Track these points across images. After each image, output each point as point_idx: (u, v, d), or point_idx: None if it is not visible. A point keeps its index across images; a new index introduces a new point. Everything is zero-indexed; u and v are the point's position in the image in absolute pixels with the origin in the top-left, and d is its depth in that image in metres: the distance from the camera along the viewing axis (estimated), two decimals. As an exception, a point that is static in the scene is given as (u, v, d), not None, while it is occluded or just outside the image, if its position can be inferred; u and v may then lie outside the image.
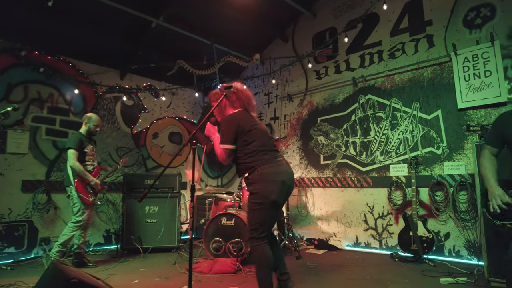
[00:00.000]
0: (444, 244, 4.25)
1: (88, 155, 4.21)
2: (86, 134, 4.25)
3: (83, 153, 4.15)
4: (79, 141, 4.11)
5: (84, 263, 4.17)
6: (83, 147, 4.15)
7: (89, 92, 5.54)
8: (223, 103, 2.66)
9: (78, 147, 4.07)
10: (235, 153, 2.54)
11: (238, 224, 4.21)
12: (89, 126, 4.24)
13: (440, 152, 4.43)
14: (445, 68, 4.49)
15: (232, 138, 2.49)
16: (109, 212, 5.57)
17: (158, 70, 5.82)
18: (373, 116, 5.14)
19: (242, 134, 2.51)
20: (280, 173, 2.49)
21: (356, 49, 5.44)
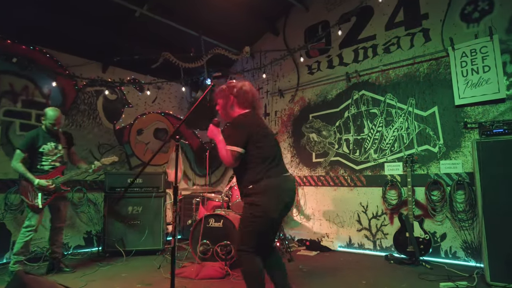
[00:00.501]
0: (440, 245, 4.11)
1: (46, 154, 3.75)
2: (47, 131, 3.81)
3: (38, 153, 3.71)
4: (30, 141, 3.68)
5: (60, 268, 3.87)
6: (37, 146, 3.70)
7: (69, 85, 5.21)
8: (231, 101, 2.43)
9: (26, 147, 3.65)
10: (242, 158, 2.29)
11: (226, 225, 3.98)
12: (45, 124, 3.78)
13: (437, 150, 4.29)
14: (441, 63, 4.33)
15: (244, 141, 2.25)
16: (90, 213, 5.26)
17: (142, 63, 5.52)
18: (367, 113, 4.97)
19: (255, 138, 2.28)
20: (286, 191, 2.32)
21: (350, 43, 5.26)
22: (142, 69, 5.98)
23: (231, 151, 2.21)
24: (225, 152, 2.23)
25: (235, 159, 2.23)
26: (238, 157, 2.23)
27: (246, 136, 2.24)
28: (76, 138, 5.20)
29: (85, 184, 5.21)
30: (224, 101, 2.44)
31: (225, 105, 2.45)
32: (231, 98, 2.41)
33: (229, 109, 2.45)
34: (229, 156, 2.21)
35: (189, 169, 6.81)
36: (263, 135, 2.33)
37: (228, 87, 2.45)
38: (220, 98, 2.48)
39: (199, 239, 4.02)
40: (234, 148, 2.21)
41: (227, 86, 2.46)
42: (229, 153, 2.21)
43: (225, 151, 2.24)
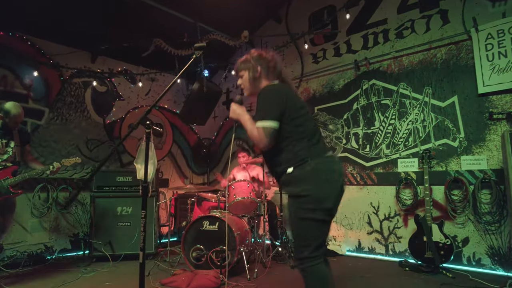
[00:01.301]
0: (462, 251, 3.67)
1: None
2: (1, 127, 3.35)
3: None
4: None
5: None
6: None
7: (53, 76, 4.81)
8: (258, 73, 1.99)
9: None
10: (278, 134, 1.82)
11: (222, 229, 3.56)
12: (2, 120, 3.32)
13: (457, 145, 3.84)
14: (462, 48, 3.88)
15: (278, 114, 1.79)
16: (77, 214, 4.87)
17: (134, 53, 5.11)
18: (378, 104, 4.53)
19: (292, 110, 1.84)
20: (336, 172, 1.85)
21: (358, 29, 4.82)
22: (134, 59, 5.57)
23: (264, 128, 1.75)
24: (256, 132, 1.78)
25: (270, 137, 1.77)
26: (273, 134, 1.77)
27: (280, 106, 1.80)
28: (61, 133, 4.85)
29: (71, 183, 4.82)
30: (249, 73, 2.01)
31: (251, 78, 2.01)
32: (258, 69, 1.99)
33: (255, 82, 2.01)
34: (262, 135, 1.75)
35: (186, 166, 6.41)
36: (300, 106, 1.89)
37: (253, 57, 2.03)
38: (244, 70, 2.05)
39: (192, 243, 3.62)
40: (267, 124, 1.75)
41: (251, 55, 2.05)
42: (261, 132, 1.75)
43: (255, 129, 1.78)
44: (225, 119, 6.56)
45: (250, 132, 1.81)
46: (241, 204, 3.90)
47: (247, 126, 1.84)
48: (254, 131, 1.79)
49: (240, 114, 1.92)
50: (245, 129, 1.85)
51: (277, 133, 1.79)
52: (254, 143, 1.82)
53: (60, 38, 4.82)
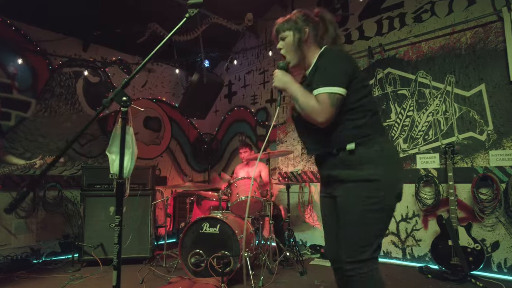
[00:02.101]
0: (491, 256, 3.29)
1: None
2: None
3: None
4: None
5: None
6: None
7: (41, 65, 4.44)
8: (306, 36, 1.62)
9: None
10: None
11: (224, 232, 3.20)
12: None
13: (484, 138, 3.46)
14: (491, 30, 3.49)
15: (346, 80, 1.45)
16: (67, 213, 4.51)
17: (129, 41, 4.72)
18: (394, 94, 4.14)
19: (359, 78, 1.51)
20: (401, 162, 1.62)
21: (372, 14, 4.43)
22: (129, 48, 5.20)
23: (329, 95, 1.40)
24: (313, 102, 1.43)
25: (337, 107, 1.42)
26: (339, 102, 1.43)
27: (349, 74, 1.46)
28: (50, 126, 4.48)
29: (60, 180, 4.45)
30: (294, 35, 1.62)
31: (296, 41, 1.61)
32: (306, 30, 1.62)
33: (303, 47, 1.62)
34: (326, 103, 1.40)
35: (185, 163, 6.04)
36: (363, 77, 1.57)
37: (298, 16, 1.65)
38: (287, 31, 1.64)
39: (190, 248, 3.26)
40: (336, 89, 1.41)
41: (297, 14, 1.66)
42: (325, 99, 1.40)
43: (312, 99, 1.43)
44: (227, 113, 6.19)
45: (305, 103, 1.45)
46: (244, 204, 3.53)
47: (298, 96, 1.48)
48: (312, 100, 1.43)
49: (288, 81, 1.55)
50: (296, 99, 1.49)
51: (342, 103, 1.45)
52: (310, 116, 1.45)
53: (48, 23, 4.45)
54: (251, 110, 5.78)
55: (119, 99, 1.20)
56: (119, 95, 1.21)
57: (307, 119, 1.48)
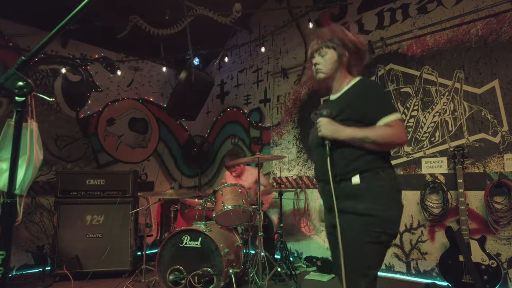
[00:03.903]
0: (507, 273, 2.92)
1: None
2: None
3: None
4: None
5: None
6: None
7: (14, 61, 4.08)
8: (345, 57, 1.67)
9: None
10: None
11: (206, 246, 2.85)
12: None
13: (498, 140, 3.10)
14: (505, 20, 3.14)
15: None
16: (43, 222, 4.17)
17: (113, 37, 4.38)
18: (397, 93, 3.79)
19: None
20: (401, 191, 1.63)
21: (372, 5, 4.09)
22: (113, 45, 4.87)
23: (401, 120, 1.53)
24: (389, 129, 1.49)
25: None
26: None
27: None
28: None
29: (35, 186, 4.11)
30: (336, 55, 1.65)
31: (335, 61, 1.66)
32: (346, 54, 1.66)
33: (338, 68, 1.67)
34: (401, 126, 1.51)
35: (174, 168, 5.69)
36: None
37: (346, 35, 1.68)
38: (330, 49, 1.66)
39: (169, 263, 2.91)
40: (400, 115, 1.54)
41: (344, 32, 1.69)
42: (399, 122, 1.51)
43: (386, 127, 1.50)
44: (219, 114, 5.85)
45: (381, 135, 1.49)
46: (231, 214, 3.18)
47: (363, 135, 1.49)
48: (386, 129, 1.49)
49: (337, 129, 1.53)
50: (364, 139, 1.49)
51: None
52: (393, 143, 1.53)
53: (22, 17, 4.12)
54: (244, 110, 5.44)
55: (12, 84, 0.86)
56: (11, 79, 0.86)
57: (387, 149, 1.57)
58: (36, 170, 1.30)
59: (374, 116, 1.51)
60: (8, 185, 0.79)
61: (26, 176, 1.21)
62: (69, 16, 1.02)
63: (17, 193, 1.04)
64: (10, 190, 0.78)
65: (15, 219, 0.86)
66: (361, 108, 1.54)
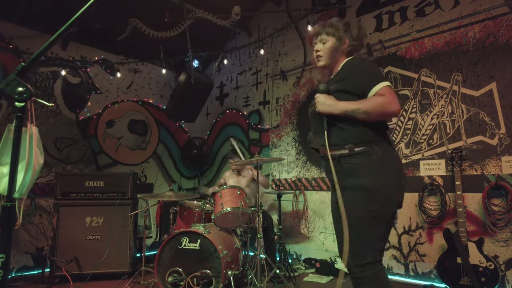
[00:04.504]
0: (505, 275, 2.93)
1: None
2: None
3: None
4: None
5: None
6: None
7: (13, 63, 4.12)
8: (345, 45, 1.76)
9: None
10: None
11: (205, 248, 2.86)
12: None
13: (496, 142, 3.11)
14: (502, 23, 3.16)
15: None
16: (42, 224, 4.18)
17: (113, 40, 4.41)
18: (395, 95, 3.80)
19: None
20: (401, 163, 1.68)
21: (370, 8, 4.11)
22: (113, 47, 4.89)
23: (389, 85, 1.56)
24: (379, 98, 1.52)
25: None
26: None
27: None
28: (23, 130, 4.16)
29: (34, 188, 4.12)
30: (336, 42, 1.74)
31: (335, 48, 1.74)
32: (346, 41, 1.75)
33: (338, 55, 1.75)
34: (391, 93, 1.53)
35: (173, 169, 5.70)
36: None
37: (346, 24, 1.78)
38: (330, 36, 1.75)
39: (168, 265, 2.91)
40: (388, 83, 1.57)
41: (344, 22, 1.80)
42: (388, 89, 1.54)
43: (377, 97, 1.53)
44: (219, 116, 5.86)
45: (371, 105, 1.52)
46: (230, 216, 3.19)
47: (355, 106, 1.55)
48: (376, 98, 1.52)
49: (332, 104, 1.61)
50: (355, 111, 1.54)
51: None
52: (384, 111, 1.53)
53: (21, 18, 4.14)
54: (243, 112, 5.46)
55: (12, 90, 0.87)
56: (11, 84, 0.87)
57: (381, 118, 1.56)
58: (36, 174, 1.31)
59: (365, 87, 1.58)
60: (8, 189, 0.80)
61: (26, 180, 1.22)
62: (68, 23, 1.04)
63: (16, 197, 1.05)
64: (10, 194, 0.80)
65: (15, 223, 0.87)
66: (352, 81, 1.62)
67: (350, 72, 1.66)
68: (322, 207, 4.30)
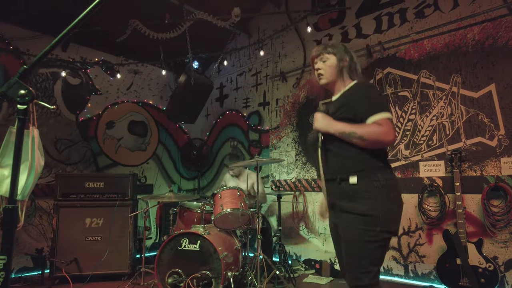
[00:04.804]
0: (504, 276, 2.94)
1: None
2: None
3: None
4: None
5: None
6: None
7: (13, 64, 4.13)
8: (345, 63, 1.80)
9: None
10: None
11: (205, 249, 2.87)
12: None
13: (495, 144, 3.12)
14: (501, 25, 3.17)
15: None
16: (42, 225, 4.18)
17: (113, 41, 4.42)
18: (394, 96, 3.82)
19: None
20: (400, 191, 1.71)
21: (370, 10, 4.12)
22: (113, 48, 4.89)
23: (389, 118, 1.58)
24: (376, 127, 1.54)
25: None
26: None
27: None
28: (23, 131, 4.17)
29: (34, 189, 4.08)
30: (337, 61, 1.79)
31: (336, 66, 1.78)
32: (347, 59, 1.80)
33: (339, 73, 1.79)
34: (389, 125, 1.55)
35: (173, 171, 5.71)
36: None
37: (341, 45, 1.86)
38: (331, 54, 1.80)
39: (168, 266, 2.92)
40: (390, 115, 1.59)
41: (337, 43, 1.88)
42: (389, 123, 1.56)
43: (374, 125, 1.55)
44: (219, 117, 5.87)
45: (368, 131, 1.55)
46: (230, 218, 3.19)
47: (351, 130, 1.58)
48: (373, 126, 1.55)
49: (330, 123, 1.66)
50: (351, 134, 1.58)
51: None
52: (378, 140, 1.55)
53: (21, 20, 4.14)
54: (243, 114, 5.46)
55: (14, 93, 0.88)
56: (14, 87, 0.88)
57: (374, 146, 1.57)
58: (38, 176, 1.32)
59: (364, 114, 1.60)
60: (9, 191, 0.81)
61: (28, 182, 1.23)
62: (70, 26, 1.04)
63: (19, 199, 1.05)
64: (12, 196, 0.81)
65: (17, 225, 0.88)
66: (353, 107, 1.64)
67: (351, 97, 1.69)
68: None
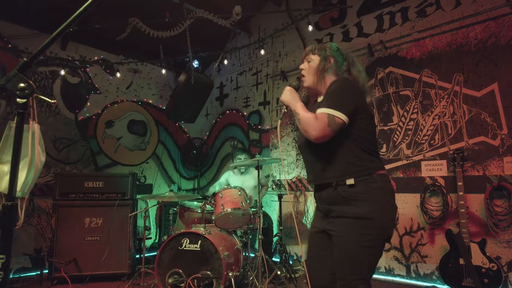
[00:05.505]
0: (508, 276, 2.92)
1: None
2: None
3: None
4: None
5: None
6: None
7: (12, 62, 4.09)
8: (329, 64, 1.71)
9: None
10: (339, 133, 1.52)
11: (205, 249, 2.84)
12: None
13: (498, 143, 3.10)
14: (504, 24, 3.16)
15: (351, 110, 1.52)
16: (41, 225, 4.14)
17: (112, 40, 4.38)
18: (396, 96, 3.80)
19: (365, 112, 1.59)
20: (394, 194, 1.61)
21: (371, 9, 4.10)
22: (113, 47, 4.86)
23: (329, 116, 1.47)
24: (313, 119, 1.49)
25: (334, 130, 1.49)
26: (337, 127, 1.49)
27: (354, 103, 1.55)
28: (22, 130, 4.13)
29: (33, 188, 4.07)
30: (320, 62, 1.71)
31: (319, 67, 1.70)
32: (331, 60, 1.72)
33: (322, 75, 1.71)
34: (324, 122, 1.47)
35: (173, 170, 5.67)
36: (371, 113, 1.67)
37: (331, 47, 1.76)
38: (316, 55, 1.73)
39: (168, 266, 2.89)
40: (338, 114, 1.47)
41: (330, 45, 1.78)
42: (324, 118, 1.48)
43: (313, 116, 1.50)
44: (219, 116, 5.84)
45: (303, 116, 1.53)
46: (231, 217, 3.16)
47: (298, 110, 1.57)
48: (311, 115, 1.51)
49: (293, 98, 1.65)
50: (296, 114, 1.58)
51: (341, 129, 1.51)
52: (305, 129, 1.51)
53: (20, 18, 4.11)
54: (243, 113, 5.44)
55: (13, 86, 0.85)
56: (13, 80, 0.85)
57: (304, 134, 1.55)
58: (38, 172, 1.29)
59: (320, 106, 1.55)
60: (9, 188, 0.78)
61: (28, 179, 1.20)
62: (71, 18, 1.01)
63: (19, 196, 1.02)
64: (11, 193, 0.78)
65: (16, 223, 0.85)
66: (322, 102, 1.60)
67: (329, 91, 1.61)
68: (322, 208, 4.28)
